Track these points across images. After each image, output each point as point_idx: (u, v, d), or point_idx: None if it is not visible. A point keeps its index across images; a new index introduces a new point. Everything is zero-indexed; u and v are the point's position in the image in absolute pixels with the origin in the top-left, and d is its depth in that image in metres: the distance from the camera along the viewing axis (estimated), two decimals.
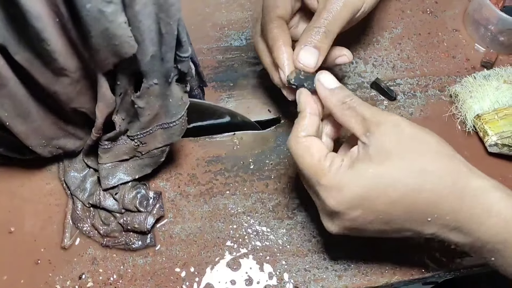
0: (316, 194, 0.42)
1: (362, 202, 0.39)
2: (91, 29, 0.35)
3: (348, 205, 0.40)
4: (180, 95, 0.45)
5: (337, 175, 0.40)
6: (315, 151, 0.41)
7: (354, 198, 0.39)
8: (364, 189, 0.39)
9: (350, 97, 0.42)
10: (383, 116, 0.41)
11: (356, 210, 0.40)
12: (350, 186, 0.39)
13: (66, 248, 0.49)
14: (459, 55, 0.64)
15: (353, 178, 0.39)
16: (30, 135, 0.45)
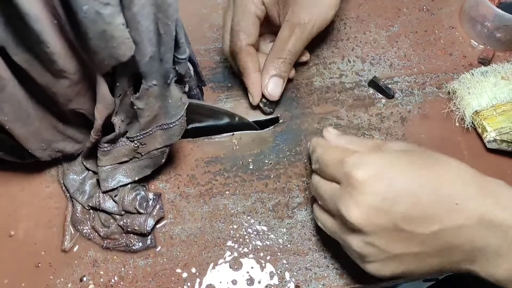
0: (340, 177, 0.40)
1: (397, 161, 0.39)
2: (88, 31, 0.35)
3: (381, 167, 0.39)
4: (179, 95, 0.45)
5: (362, 152, 0.41)
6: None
7: (386, 160, 0.39)
8: (398, 154, 0.40)
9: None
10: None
11: (391, 168, 0.39)
12: (377, 154, 0.40)
13: (66, 250, 0.49)
14: (456, 52, 0.64)
15: (378, 151, 0.41)
16: (29, 139, 0.45)
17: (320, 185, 0.43)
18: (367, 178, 0.38)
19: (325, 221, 0.44)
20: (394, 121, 0.58)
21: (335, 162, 0.41)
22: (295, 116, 0.59)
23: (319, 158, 0.44)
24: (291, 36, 0.53)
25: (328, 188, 0.42)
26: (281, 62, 0.54)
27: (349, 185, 0.39)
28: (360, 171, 0.39)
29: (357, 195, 0.38)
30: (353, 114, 0.59)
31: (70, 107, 0.44)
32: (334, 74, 0.62)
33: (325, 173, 0.43)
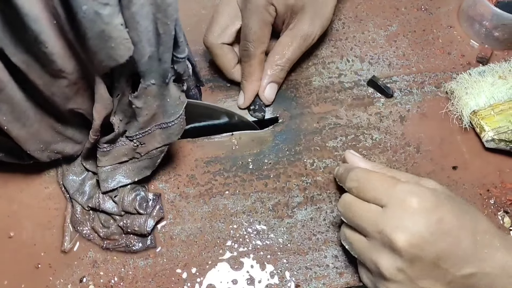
0: (388, 200, 0.41)
1: (446, 202, 0.41)
2: (87, 31, 0.35)
3: (435, 202, 0.40)
4: (177, 94, 0.45)
5: (413, 183, 0.42)
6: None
7: (439, 198, 0.40)
8: (446, 195, 0.42)
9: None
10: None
11: (444, 206, 0.40)
12: (430, 190, 0.41)
13: (66, 251, 0.49)
14: (454, 52, 0.64)
15: (429, 187, 0.42)
16: (28, 140, 0.45)
17: (356, 205, 0.43)
18: (422, 209, 0.40)
19: (357, 242, 0.44)
20: (393, 120, 0.58)
21: (384, 186, 0.42)
22: (294, 115, 0.59)
23: (361, 178, 0.44)
24: (292, 45, 0.56)
25: (368, 209, 0.42)
26: (280, 69, 0.57)
27: (400, 210, 0.40)
28: (416, 199, 0.40)
29: (408, 221, 0.39)
30: (352, 114, 0.59)
31: (68, 106, 0.44)
32: (333, 73, 0.62)
33: (366, 194, 0.43)
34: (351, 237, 0.44)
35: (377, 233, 0.41)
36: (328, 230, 0.52)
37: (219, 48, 0.56)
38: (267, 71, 0.56)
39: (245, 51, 0.55)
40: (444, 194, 0.42)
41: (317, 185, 0.54)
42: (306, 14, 0.55)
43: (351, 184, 0.44)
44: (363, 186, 0.43)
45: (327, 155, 0.56)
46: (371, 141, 0.57)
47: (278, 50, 0.56)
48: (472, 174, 0.55)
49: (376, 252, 0.41)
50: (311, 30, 0.56)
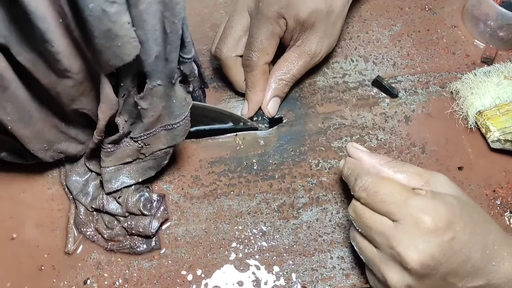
0: (401, 216, 0.40)
1: (459, 219, 0.40)
2: (93, 29, 0.34)
3: (448, 220, 0.39)
4: (183, 95, 0.44)
5: (428, 196, 0.40)
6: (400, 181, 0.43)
7: (454, 214, 0.39)
8: (460, 207, 0.40)
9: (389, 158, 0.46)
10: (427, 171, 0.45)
11: (456, 224, 0.39)
12: (445, 205, 0.40)
13: (69, 253, 0.49)
14: (459, 51, 0.64)
15: (443, 201, 0.40)
16: (32, 139, 0.45)
17: (367, 217, 0.42)
18: (436, 229, 0.38)
19: (366, 249, 0.43)
20: (398, 120, 0.58)
21: (395, 200, 0.40)
22: (299, 116, 0.58)
23: (369, 189, 0.42)
24: (298, 62, 0.55)
25: (379, 222, 0.41)
26: (284, 84, 0.56)
27: (413, 228, 0.39)
28: (429, 218, 0.39)
29: (421, 241, 0.38)
30: (357, 114, 0.58)
31: (73, 107, 0.44)
32: (338, 73, 0.61)
33: (376, 206, 0.41)
34: (361, 243, 0.44)
35: (388, 248, 0.40)
36: (334, 231, 0.51)
37: (233, 61, 0.56)
38: (271, 85, 0.56)
39: (248, 60, 0.54)
40: (458, 203, 0.40)
41: (323, 185, 0.54)
42: (316, 32, 0.54)
43: (360, 194, 0.43)
44: (373, 199, 0.41)
45: (332, 155, 0.56)
46: (376, 141, 0.57)
47: (284, 65, 0.56)
48: (478, 175, 0.55)
49: (386, 265, 0.41)
50: (319, 49, 0.55)
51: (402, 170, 0.44)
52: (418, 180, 0.44)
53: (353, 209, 0.44)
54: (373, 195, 0.41)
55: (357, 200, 0.44)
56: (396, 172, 0.44)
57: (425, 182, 0.43)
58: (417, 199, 0.40)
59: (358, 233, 0.44)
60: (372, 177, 0.43)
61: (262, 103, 0.56)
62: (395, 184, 0.42)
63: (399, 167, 0.45)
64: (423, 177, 0.44)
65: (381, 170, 0.45)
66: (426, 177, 0.44)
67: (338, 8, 0.54)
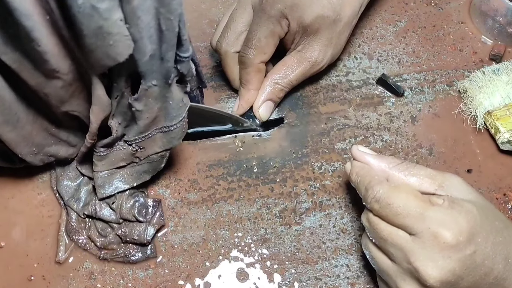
0: (418, 230, 0.38)
1: (481, 229, 0.38)
2: (83, 27, 0.32)
3: (470, 232, 0.37)
4: (180, 96, 0.42)
5: (446, 207, 0.38)
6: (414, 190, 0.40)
7: (475, 224, 0.37)
8: (480, 215, 0.38)
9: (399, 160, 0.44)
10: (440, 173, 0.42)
11: (478, 235, 0.37)
12: (465, 215, 0.37)
13: (60, 262, 0.46)
14: (466, 48, 0.61)
15: (462, 210, 0.38)
16: (19, 143, 0.42)
17: (382, 228, 0.40)
18: (457, 243, 0.36)
19: (380, 260, 0.41)
20: (404, 120, 0.56)
21: (412, 212, 0.38)
22: (300, 116, 0.56)
23: (382, 201, 0.39)
24: (297, 68, 0.53)
25: (395, 235, 0.39)
26: (280, 89, 0.53)
27: (432, 243, 0.37)
28: (449, 232, 0.36)
29: (441, 256, 0.36)
30: (361, 114, 0.56)
31: (63, 109, 0.41)
32: (341, 71, 0.59)
33: (391, 219, 0.39)
34: (375, 253, 0.41)
35: (405, 262, 0.38)
36: (338, 238, 0.49)
37: (232, 57, 0.53)
38: (266, 88, 0.53)
39: (243, 57, 0.52)
40: (477, 211, 0.38)
41: (326, 189, 0.52)
42: (319, 39, 0.51)
43: (372, 206, 0.40)
44: (386, 211, 0.39)
45: (336, 157, 0.53)
46: (382, 142, 0.55)
47: (282, 69, 0.53)
48: (488, 178, 0.53)
49: (402, 280, 0.38)
50: (320, 57, 0.52)
51: (413, 173, 0.42)
52: (431, 183, 0.41)
53: (366, 218, 0.42)
54: (386, 207, 0.39)
55: (370, 210, 0.41)
56: (407, 175, 0.42)
57: (439, 185, 0.41)
58: (435, 210, 0.37)
59: (372, 242, 0.42)
60: (384, 187, 0.40)
61: (254, 105, 0.53)
62: (409, 195, 0.39)
63: (410, 170, 0.42)
64: (436, 180, 0.41)
65: (391, 174, 0.42)
66: (439, 180, 0.41)
67: (346, 18, 0.51)
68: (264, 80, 0.53)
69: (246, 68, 0.52)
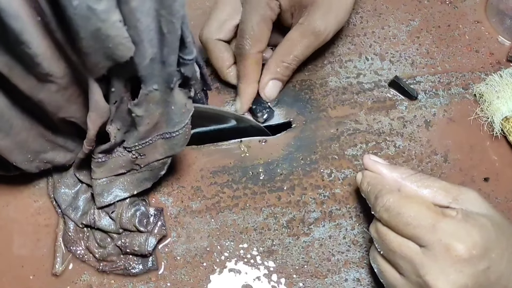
0: (429, 242, 0.36)
1: (496, 245, 0.36)
2: (79, 29, 0.29)
3: (484, 246, 0.35)
4: (183, 101, 0.39)
5: (459, 219, 0.36)
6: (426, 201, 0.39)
7: (489, 239, 0.36)
8: (495, 231, 0.37)
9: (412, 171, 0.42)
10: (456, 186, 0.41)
11: (492, 251, 0.35)
12: (479, 229, 0.36)
13: (57, 274, 0.45)
14: (483, 49, 0.59)
15: (477, 224, 0.36)
16: (13, 150, 0.40)
17: (391, 239, 0.38)
18: (470, 257, 0.35)
19: (389, 274, 0.39)
20: (417, 125, 0.53)
21: (423, 223, 0.36)
22: (309, 120, 0.53)
23: (392, 210, 0.38)
24: (301, 41, 0.50)
25: (404, 246, 0.37)
26: (285, 67, 0.51)
27: (444, 256, 0.35)
28: (462, 245, 0.35)
29: (453, 270, 0.35)
30: (372, 118, 0.54)
31: (60, 115, 0.39)
32: (351, 73, 0.56)
33: (401, 229, 0.37)
34: (383, 266, 0.39)
35: (415, 276, 0.36)
36: (349, 250, 0.47)
37: (213, 44, 0.51)
38: (270, 67, 0.51)
39: (240, 49, 0.50)
40: (492, 226, 0.36)
41: (336, 198, 0.49)
42: (318, 7, 0.48)
43: (382, 215, 0.39)
44: (396, 221, 0.37)
45: (346, 164, 0.51)
46: (394, 149, 0.52)
47: (285, 46, 0.50)
48: (506, 186, 0.50)
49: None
50: (323, 26, 0.49)
51: (427, 184, 0.40)
52: (444, 196, 0.39)
53: (375, 229, 0.40)
54: (396, 217, 0.37)
55: (378, 220, 0.39)
56: (420, 187, 0.40)
57: (453, 199, 0.39)
58: (447, 222, 0.36)
59: (380, 255, 0.40)
60: (394, 196, 0.38)
61: (260, 86, 0.51)
62: (420, 205, 0.37)
63: (423, 181, 0.40)
64: (451, 193, 0.39)
65: (404, 185, 0.41)
66: (454, 193, 0.39)
67: None
68: (268, 59, 0.51)
69: (244, 60, 0.50)
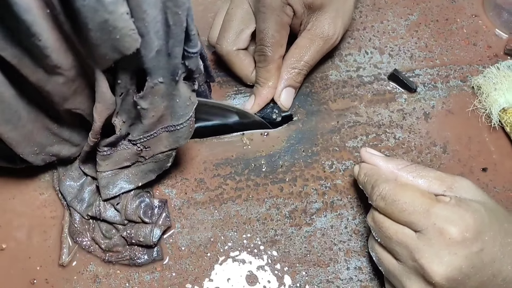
0: (423, 226, 0.37)
1: (488, 228, 0.37)
2: (88, 21, 0.30)
3: (476, 230, 0.36)
4: (187, 94, 0.40)
5: (452, 204, 0.37)
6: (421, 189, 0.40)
7: (482, 222, 0.36)
8: (488, 215, 0.37)
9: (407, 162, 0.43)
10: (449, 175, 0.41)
11: (485, 234, 0.36)
12: (472, 213, 0.36)
13: (64, 265, 0.45)
14: (480, 43, 0.59)
15: (470, 209, 0.37)
16: (20, 142, 0.41)
17: (387, 226, 0.39)
18: (463, 239, 0.35)
19: (386, 261, 0.40)
20: (417, 117, 0.54)
21: (417, 208, 0.37)
22: (310, 113, 0.54)
23: (388, 197, 0.39)
24: (310, 47, 0.51)
25: (400, 233, 0.38)
26: (297, 73, 0.52)
27: (438, 239, 0.36)
28: (455, 228, 0.36)
29: (447, 253, 0.36)
30: (372, 111, 0.54)
31: (66, 107, 0.40)
32: (351, 67, 0.57)
33: (397, 216, 0.38)
34: (380, 254, 0.40)
35: (411, 260, 0.37)
36: (350, 239, 0.47)
37: (235, 55, 0.52)
38: (283, 75, 0.52)
39: (262, 55, 0.50)
40: (485, 211, 0.37)
41: (337, 189, 0.50)
42: (326, 13, 0.49)
43: (378, 203, 0.40)
44: (392, 208, 0.38)
45: (347, 156, 0.52)
46: (394, 140, 0.53)
47: (295, 52, 0.51)
48: (503, 176, 0.51)
49: (408, 279, 0.38)
50: (332, 31, 0.50)
51: (422, 174, 0.41)
52: (439, 185, 0.40)
53: (372, 218, 0.41)
54: (392, 204, 0.38)
55: (375, 209, 0.40)
56: (416, 177, 0.41)
57: (448, 187, 0.40)
58: (441, 207, 0.37)
59: (377, 243, 0.41)
60: (390, 185, 0.40)
61: (274, 95, 0.52)
62: (415, 191, 0.38)
63: (419, 172, 0.41)
64: (445, 182, 0.40)
65: (400, 175, 0.42)
66: (448, 182, 0.40)
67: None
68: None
69: (267, 65, 0.51)
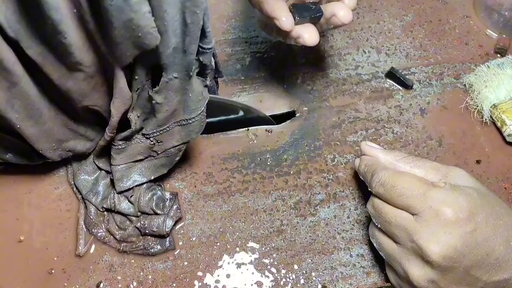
0: (420, 209, 0.39)
1: (481, 210, 0.39)
2: (113, 20, 0.32)
3: (470, 211, 0.38)
4: (200, 89, 0.42)
5: (447, 188, 0.39)
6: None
7: (475, 205, 0.39)
8: (480, 199, 0.39)
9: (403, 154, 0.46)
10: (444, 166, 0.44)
11: (478, 215, 0.38)
12: (465, 196, 0.39)
13: (81, 255, 0.47)
14: (472, 42, 0.62)
15: (463, 192, 0.39)
16: (40, 138, 0.42)
17: (386, 211, 0.41)
18: (457, 220, 0.38)
19: (386, 245, 0.42)
20: (413, 113, 0.57)
21: (414, 193, 0.39)
22: (312, 109, 0.56)
23: (387, 184, 0.41)
24: None
25: (399, 216, 0.40)
26: None
27: (434, 220, 0.38)
28: (450, 209, 0.38)
29: (442, 233, 0.38)
30: (371, 107, 0.57)
31: (84, 103, 0.41)
32: (350, 65, 0.60)
33: (395, 200, 0.40)
34: (381, 239, 0.43)
35: (409, 242, 0.39)
36: (353, 228, 0.50)
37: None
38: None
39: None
40: (478, 195, 0.40)
41: (339, 181, 0.52)
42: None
43: (378, 189, 0.42)
44: (390, 193, 0.40)
45: (348, 150, 0.54)
46: (392, 135, 0.55)
47: None
48: (496, 168, 0.54)
49: (407, 260, 0.40)
50: None
51: (419, 165, 0.44)
52: (435, 174, 0.43)
53: (372, 204, 0.43)
54: (390, 190, 0.41)
55: (375, 196, 0.43)
56: (413, 167, 0.44)
57: (443, 176, 0.42)
58: (436, 191, 0.39)
59: (377, 229, 0.43)
60: (388, 172, 0.42)
61: None
62: (412, 177, 0.41)
63: (416, 162, 0.44)
64: (441, 171, 0.43)
65: (398, 166, 0.44)
66: (443, 172, 0.43)
67: None
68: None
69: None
